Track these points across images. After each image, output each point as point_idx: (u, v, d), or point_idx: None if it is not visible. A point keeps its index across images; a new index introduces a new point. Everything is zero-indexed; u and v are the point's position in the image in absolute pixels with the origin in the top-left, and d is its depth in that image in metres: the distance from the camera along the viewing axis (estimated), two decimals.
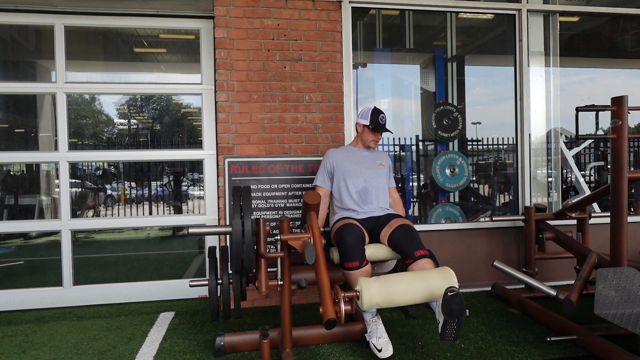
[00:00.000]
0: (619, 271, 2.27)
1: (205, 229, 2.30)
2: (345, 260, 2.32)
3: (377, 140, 2.76)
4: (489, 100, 5.60)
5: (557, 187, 4.09)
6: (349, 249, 2.31)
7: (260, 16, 3.28)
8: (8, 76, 4.91)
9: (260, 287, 2.16)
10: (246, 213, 2.13)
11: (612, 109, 2.42)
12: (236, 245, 2.08)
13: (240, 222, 2.10)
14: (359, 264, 2.31)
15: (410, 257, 2.30)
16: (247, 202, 2.16)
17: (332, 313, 1.82)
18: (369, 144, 2.75)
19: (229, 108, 3.25)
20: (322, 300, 1.88)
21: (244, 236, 2.08)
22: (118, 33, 5.02)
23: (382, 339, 2.28)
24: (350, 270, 2.31)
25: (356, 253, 2.31)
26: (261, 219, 2.22)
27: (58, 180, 3.48)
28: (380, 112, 2.68)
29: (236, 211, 2.13)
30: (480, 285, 3.64)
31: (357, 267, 2.30)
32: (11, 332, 2.85)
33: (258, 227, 2.20)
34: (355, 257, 2.31)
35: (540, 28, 3.94)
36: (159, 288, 3.52)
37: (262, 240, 2.18)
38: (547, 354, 2.37)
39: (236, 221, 2.09)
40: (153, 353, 2.47)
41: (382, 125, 2.68)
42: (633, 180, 2.42)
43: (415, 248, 2.31)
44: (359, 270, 2.31)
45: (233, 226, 2.09)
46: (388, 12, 4.83)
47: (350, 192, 2.66)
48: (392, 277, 2.05)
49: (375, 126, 2.66)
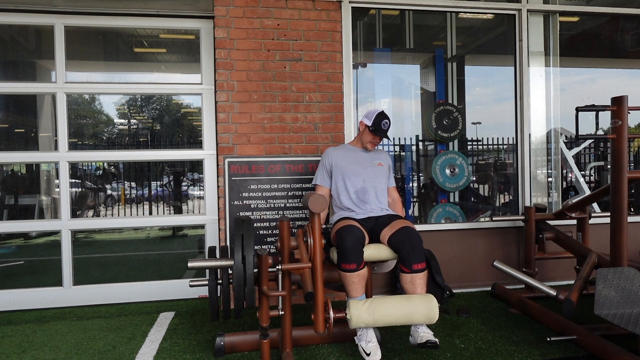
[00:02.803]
0: (619, 271, 2.27)
1: (206, 262, 2.20)
2: (343, 261, 2.31)
3: (375, 143, 2.73)
4: (489, 100, 5.61)
5: (557, 187, 4.09)
6: (347, 251, 2.30)
7: (260, 16, 3.29)
8: (8, 76, 4.91)
9: (261, 320, 2.16)
10: (247, 247, 2.09)
11: (612, 109, 2.42)
12: (237, 280, 2.07)
13: (241, 256, 2.08)
14: (356, 266, 2.30)
15: (407, 267, 2.30)
16: (249, 235, 2.14)
17: (323, 329, 2.15)
18: (366, 145, 2.73)
19: (229, 108, 3.25)
20: (315, 314, 2.15)
21: (246, 273, 2.06)
22: (118, 33, 5.02)
23: (371, 343, 2.26)
24: (347, 272, 2.30)
25: (354, 256, 2.30)
26: (264, 255, 2.14)
27: (58, 180, 3.48)
28: (385, 118, 2.65)
29: (237, 244, 2.11)
30: (480, 285, 3.64)
31: (354, 269, 2.29)
32: (11, 332, 2.85)
33: (260, 263, 2.14)
34: (352, 259, 2.29)
35: (540, 28, 3.94)
36: (159, 288, 3.51)
37: (264, 277, 2.13)
38: (547, 354, 2.37)
39: (237, 256, 2.08)
40: (153, 353, 2.47)
41: (383, 130, 2.65)
42: (633, 180, 2.42)
43: (415, 260, 2.30)
44: (355, 273, 2.30)
45: (234, 261, 2.07)
46: (388, 12, 4.83)
47: (349, 192, 2.66)
48: (378, 302, 2.18)
49: (376, 129, 2.64)
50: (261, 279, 2.13)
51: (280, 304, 2.22)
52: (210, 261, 2.14)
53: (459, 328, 2.78)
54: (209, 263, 2.14)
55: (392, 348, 2.48)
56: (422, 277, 2.31)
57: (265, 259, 2.14)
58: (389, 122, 2.66)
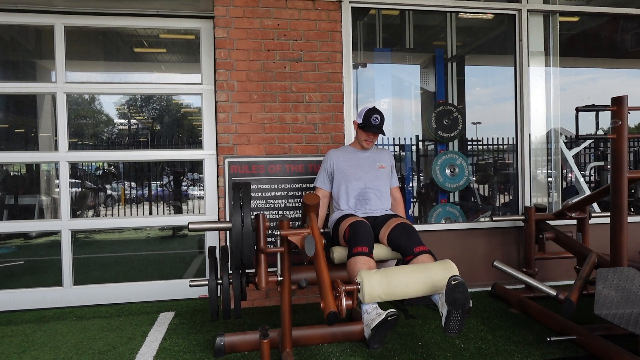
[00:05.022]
0: (619, 271, 2.27)
1: (205, 224, 2.28)
2: (356, 245, 2.25)
3: (370, 140, 2.69)
4: (489, 100, 5.61)
5: (557, 187, 4.09)
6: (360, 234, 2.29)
7: (260, 16, 3.28)
8: (8, 76, 4.91)
9: (259, 282, 2.15)
10: (246, 209, 2.12)
11: (612, 109, 2.41)
12: (236, 240, 2.08)
13: (240, 217, 2.09)
14: (368, 250, 2.26)
15: (409, 254, 2.28)
16: (247, 198, 2.16)
17: (334, 306, 1.78)
18: (362, 144, 2.71)
19: (229, 108, 3.25)
20: (322, 294, 1.85)
21: (244, 231, 2.08)
22: (118, 33, 5.02)
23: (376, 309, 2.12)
24: (358, 255, 2.23)
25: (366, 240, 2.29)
26: (261, 214, 2.21)
27: (58, 180, 3.48)
28: (375, 112, 2.59)
29: (236, 207, 2.13)
30: (480, 285, 3.64)
31: (367, 252, 2.24)
32: (11, 332, 2.85)
33: (258, 223, 2.19)
34: (364, 242, 2.27)
35: (540, 28, 3.94)
36: (159, 288, 3.51)
37: (262, 235, 2.18)
38: (547, 354, 2.37)
39: (236, 217, 2.09)
40: (153, 353, 2.47)
41: (374, 125, 2.58)
42: (633, 180, 2.42)
43: (414, 245, 2.29)
44: (366, 256, 2.23)
45: (233, 222, 2.09)
46: (388, 12, 4.83)
47: (349, 196, 2.66)
48: (393, 269, 2.03)
49: (365, 124, 2.59)
50: (259, 239, 2.15)
51: (279, 268, 2.21)
52: (210, 223, 2.27)
53: None
54: (209, 225, 2.27)
55: (392, 348, 2.48)
56: (427, 257, 2.24)
57: (262, 218, 2.18)
58: (379, 117, 2.60)
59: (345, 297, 1.86)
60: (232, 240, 2.10)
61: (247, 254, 2.09)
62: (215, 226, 2.25)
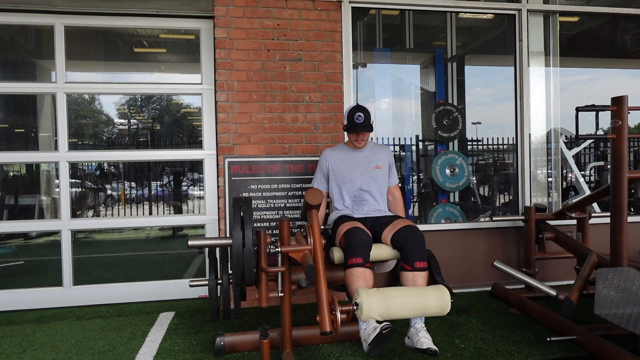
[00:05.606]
0: (619, 271, 2.27)
1: (205, 240, 2.23)
2: (350, 256, 2.25)
3: (361, 139, 2.60)
4: (489, 100, 5.61)
5: (557, 187, 4.09)
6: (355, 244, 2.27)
7: (260, 16, 3.29)
8: (8, 76, 4.91)
9: (261, 300, 2.13)
10: (247, 224, 2.09)
11: (612, 109, 2.41)
12: (236, 257, 2.06)
13: (240, 234, 2.06)
14: (363, 261, 2.24)
15: (409, 265, 2.27)
16: (248, 213, 2.13)
17: (329, 326, 1.92)
18: (354, 144, 2.64)
19: (229, 108, 3.25)
20: (319, 310, 1.97)
21: (245, 249, 2.05)
22: (118, 33, 5.02)
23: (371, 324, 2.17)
24: (353, 267, 2.24)
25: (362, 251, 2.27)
26: (262, 231, 2.16)
27: (58, 180, 3.48)
28: (358, 110, 2.52)
29: (237, 222, 2.10)
30: (480, 285, 3.64)
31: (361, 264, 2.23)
32: (11, 332, 2.85)
33: (259, 240, 2.15)
34: (359, 253, 2.25)
35: (540, 28, 3.94)
36: (159, 288, 3.51)
37: (263, 253, 2.13)
38: (547, 354, 2.37)
39: (237, 233, 2.06)
40: (153, 353, 2.47)
41: (359, 124, 2.48)
42: (633, 180, 2.42)
43: (417, 258, 2.27)
44: (361, 268, 2.23)
45: (233, 238, 2.06)
46: (388, 12, 4.83)
47: (344, 198, 2.63)
48: (391, 292, 2.07)
49: (351, 125, 2.52)
50: (260, 256, 2.12)
51: (280, 285, 2.19)
52: (210, 240, 2.19)
53: (459, 328, 2.78)
54: (209, 242, 2.19)
55: (392, 348, 2.48)
56: (423, 276, 2.27)
57: (264, 235, 2.14)
58: (363, 114, 2.51)
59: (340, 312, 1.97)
60: (232, 259, 2.08)
61: (249, 272, 2.07)
62: (215, 242, 2.18)
